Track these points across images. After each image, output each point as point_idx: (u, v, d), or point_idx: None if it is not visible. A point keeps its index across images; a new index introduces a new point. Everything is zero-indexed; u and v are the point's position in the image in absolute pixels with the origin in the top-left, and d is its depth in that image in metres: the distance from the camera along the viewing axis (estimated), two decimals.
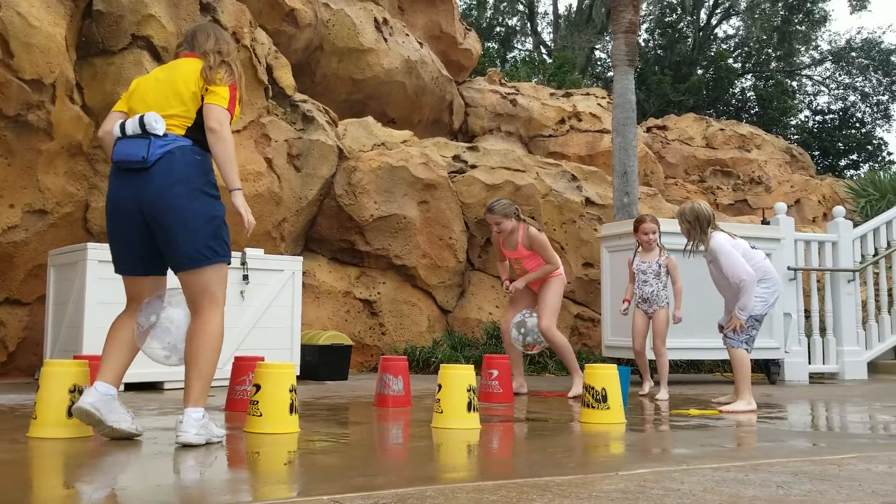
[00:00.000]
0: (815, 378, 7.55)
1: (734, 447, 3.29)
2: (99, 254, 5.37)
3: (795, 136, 21.99)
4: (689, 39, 23.59)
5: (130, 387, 5.23)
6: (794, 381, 7.24)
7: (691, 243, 5.02)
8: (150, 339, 3.14)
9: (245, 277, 5.90)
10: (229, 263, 3.17)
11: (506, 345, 5.70)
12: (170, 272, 3.23)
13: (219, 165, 3.10)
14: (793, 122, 23.14)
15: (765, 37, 23.53)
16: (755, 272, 4.81)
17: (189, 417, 2.99)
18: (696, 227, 4.95)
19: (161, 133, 3.05)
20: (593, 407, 3.95)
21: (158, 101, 3.13)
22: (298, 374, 6.01)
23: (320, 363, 6.41)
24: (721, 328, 5.08)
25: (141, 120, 3.06)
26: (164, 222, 3.02)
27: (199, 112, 3.13)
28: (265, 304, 6.03)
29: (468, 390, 3.67)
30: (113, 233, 3.17)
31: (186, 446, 2.97)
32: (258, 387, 3.37)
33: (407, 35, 10.30)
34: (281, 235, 7.27)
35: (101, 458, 2.84)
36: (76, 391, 3.15)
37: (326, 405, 4.69)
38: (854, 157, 22.88)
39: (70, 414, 3.11)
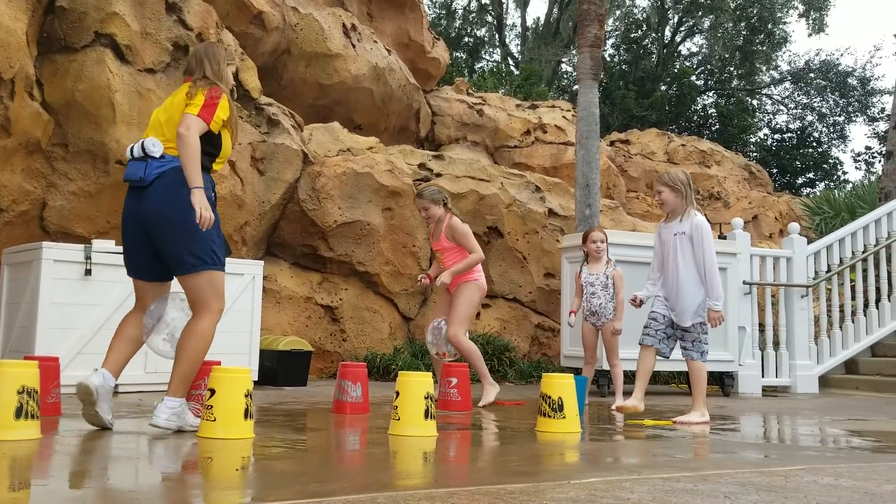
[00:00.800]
0: (768, 391, 7.70)
1: (685, 458, 3.34)
2: (54, 253, 5.28)
3: (754, 154, 22.46)
4: (654, 56, 23.98)
5: None
6: (748, 394, 7.37)
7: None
8: (154, 334, 3.60)
9: None
10: (221, 271, 3.57)
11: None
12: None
13: (183, 165, 3.41)
14: (752, 140, 23.62)
15: (727, 55, 24.01)
16: None
17: (164, 405, 3.41)
18: (686, 194, 4.69)
19: (157, 155, 3.47)
20: (549, 416, 3.98)
21: (161, 127, 3.54)
22: (257, 379, 5.96)
23: (279, 369, 6.36)
24: (643, 340, 4.97)
25: (142, 144, 3.50)
26: (159, 234, 3.46)
27: None
28: (224, 308, 5.96)
29: (426, 398, 3.68)
30: (124, 241, 3.64)
31: (156, 428, 3.38)
32: (213, 391, 3.34)
33: (375, 42, 10.30)
34: (242, 239, 7.21)
35: (50, 460, 2.80)
36: (24, 392, 3.11)
37: (283, 411, 4.66)
38: (811, 175, 23.43)
39: (18, 416, 3.08)
